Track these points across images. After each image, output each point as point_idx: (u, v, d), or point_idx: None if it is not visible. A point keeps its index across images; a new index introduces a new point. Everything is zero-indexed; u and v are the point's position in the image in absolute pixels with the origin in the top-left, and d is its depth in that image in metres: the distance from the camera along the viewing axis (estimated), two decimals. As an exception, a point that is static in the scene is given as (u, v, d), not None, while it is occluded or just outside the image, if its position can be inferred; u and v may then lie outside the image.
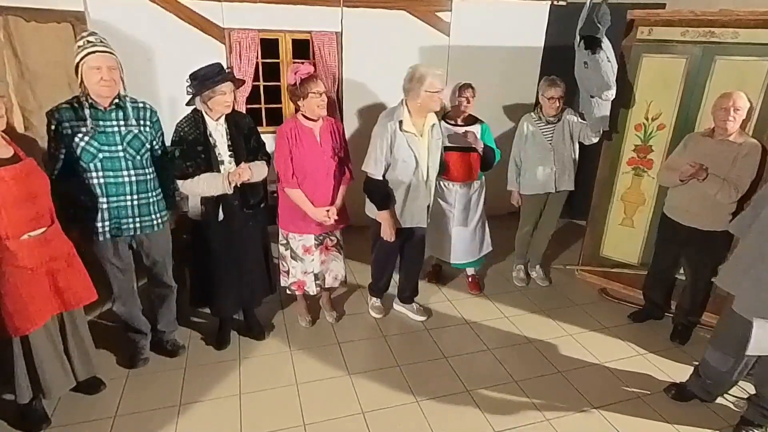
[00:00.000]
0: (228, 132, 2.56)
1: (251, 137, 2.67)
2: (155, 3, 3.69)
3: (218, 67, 2.45)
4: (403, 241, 3.03)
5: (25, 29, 3.02)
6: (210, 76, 2.40)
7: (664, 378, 2.76)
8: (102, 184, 2.29)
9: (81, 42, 2.18)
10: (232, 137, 2.57)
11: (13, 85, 2.97)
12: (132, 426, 2.31)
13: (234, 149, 2.57)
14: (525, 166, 3.50)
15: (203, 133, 2.49)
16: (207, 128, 2.51)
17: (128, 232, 2.40)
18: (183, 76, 2.46)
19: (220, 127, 2.55)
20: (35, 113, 3.10)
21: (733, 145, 2.63)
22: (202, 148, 2.48)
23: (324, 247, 2.95)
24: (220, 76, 2.42)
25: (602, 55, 2.96)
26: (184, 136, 2.47)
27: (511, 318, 3.33)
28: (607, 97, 3.08)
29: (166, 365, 2.71)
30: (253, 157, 2.64)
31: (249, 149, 2.64)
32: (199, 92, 2.42)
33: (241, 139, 2.60)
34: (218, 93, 2.43)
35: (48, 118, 2.21)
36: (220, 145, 2.54)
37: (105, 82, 2.17)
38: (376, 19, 4.13)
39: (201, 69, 2.42)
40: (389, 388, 2.62)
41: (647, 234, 3.44)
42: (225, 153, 2.55)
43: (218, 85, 2.41)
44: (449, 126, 3.25)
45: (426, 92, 2.61)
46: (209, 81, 2.40)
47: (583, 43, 3.00)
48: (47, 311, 2.06)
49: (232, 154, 2.56)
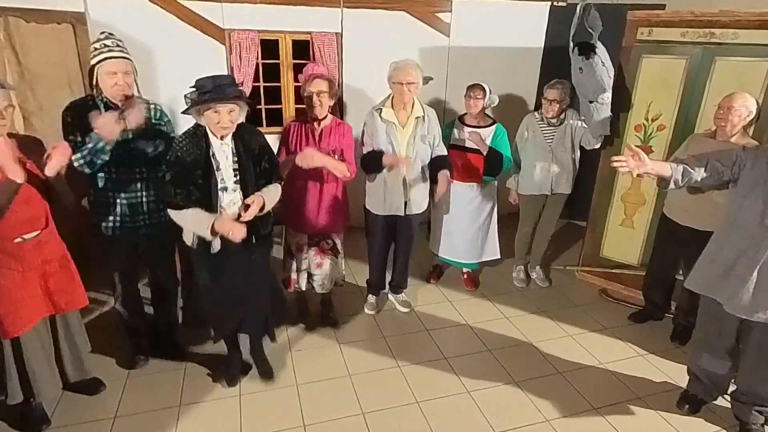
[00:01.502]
0: (235, 152, 2.21)
1: (262, 158, 2.30)
2: (155, 4, 3.69)
3: (220, 81, 2.08)
4: (393, 233, 3.09)
5: (25, 30, 3.02)
6: (207, 89, 2.05)
7: (664, 379, 2.76)
8: (115, 179, 2.32)
9: (98, 45, 2.21)
10: (240, 159, 2.21)
11: (13, 85, 2.97)
12: (132, 427, 2.31)
13: (240, 174, 2.21)
14: (523, 165, 3.51)
15: (205, 153, 2.15)
16: (210, 148, 2.16)
17: (137, 230, 2.42)
18: (183, 77, 2.45)
19: (225, 147, 2.19)
20: (35, 114, 3.10)
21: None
22: (201, 172, 2.14)
23: (320, 249, 2.94)
24: (214, 92, 2.04)
25: (596, 60, 2.97)
26: (182, 157, 2.12)
27: (511, 319, 3.33)
28: (603, 100, 3.08)
29: (167, 366, 2.71)
30: (264, 180, 2.30)
31: (258, 172, 2.28)
32: (192, 105, 2.09)
33: (249, 161, 2.24)
34: (210, 110, 2.07)
35: (63, 114, 2.24)
36: (224, 168, 2.19)
37: (120, 87, 2.21)
38: (376, 19, 4.14)
39: (206, 78, 2.09)
40: (389, 388, 2.62)
41: (647, 235, 3.44)
42: (229, 178, 2.20)
43: (211, 103, 2.05)
44: (460, 125, 3.32)
45: (393, 83, 2.78)
46: (205, 94, 2.05)
47: (577, 50, 3.02)
48: (37, 314, 2.06)
49: (238, 180, 2.22)
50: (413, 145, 2.88)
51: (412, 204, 3.00)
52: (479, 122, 3.29)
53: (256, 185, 2.25)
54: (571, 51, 3.07)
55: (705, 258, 2.31)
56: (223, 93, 2.05)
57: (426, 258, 3.79)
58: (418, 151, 2.90)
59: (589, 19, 2.90)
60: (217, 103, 2.05)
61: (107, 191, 2.33)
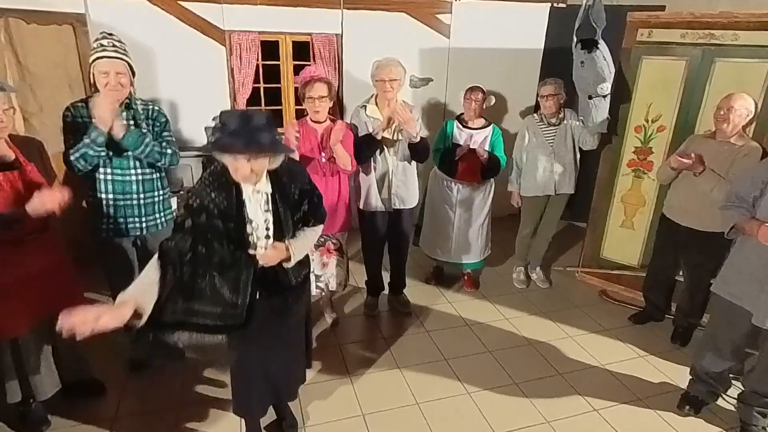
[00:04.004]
0: (270, 201, 1.77)
1: (302, 203, 1.86)
2: (156, 5, 3.70)
3: (252, 123, 1.58)
4: (387, 232, 3.12)
5: (26, 31, 3.03)
6: (231, 128, 1.58)
7: (665, 380, 2.75)
8: (110, 180, 2.32)
9: (95, 44, 2.22)
10: (275, 209, 1.78)
11: (13, 86, 2.97)
12: (132, 428, 2.31)
13: (275, 226, 1.79)
14: (525, 167, 3.51)
15: (235, 203, 1.72)
16: (241, 196, 1.73)
17: (134, 231, 2.42)
18: (183, 78, 2.45)
19: (258, 195, 1.75)
20: (36, 115, 3.11)
21: (733, 147, 2.63)
22: (233, 226, 1.71)
23: (326, 249, 2.95)
24: (241, 139, 1.56)
25: (599, 53, 2.99)
26: (208, 206, 1.68)
27: (511, 320, 3.33)
28: (602, 90, 3.09)
29: (166, 367, 2.70)
30: (301, 224, 1.91)
31: (296, 220, 1.86)
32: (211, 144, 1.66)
33: (287, 211, 1.80)
34: (228, 154, 1.65)
35: (63, 114, 2.24)
36: (257, 220, 1.76)
37: (111, 86, 2.20)
38: (377, 21, 4.14)
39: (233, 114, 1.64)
40: (389, 389, 2.62)
41: (647, 236, 3.44)
42: (262, 232, 1.77)
43: (226, 152, 1.63)
44: (458, 126, 3.34)
45: (375, 81, 2.83)
46: (230, 136, 1.58)
47: (580, 44, 3.03)
48: (36, 314, 2.06)
49: (270, 234, 1.79)
50: (400, 141, 2.92)
51: (402, 198, 3.03)
52: (476, 123, 3.32)
53: (293, 236, 1.86)
54: (574, 46, 3.09)
55: (731, 266, 2.28)
56: (253, 140, 1.57)
57: (425, 259, 3.79)
58: (402, 146, 2.93)
59: (594, 12, 2.91)
60: (241, 152, 1.60)
61: (102, 194, 2.33)
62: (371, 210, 3.04)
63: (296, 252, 1.83)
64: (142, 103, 2.39)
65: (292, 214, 1.84)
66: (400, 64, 2.82)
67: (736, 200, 2.22)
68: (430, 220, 3.57)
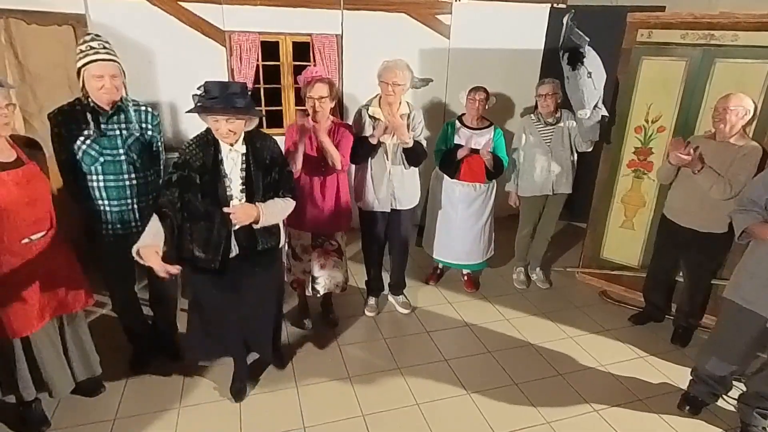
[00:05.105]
0: (244, 161, 2.11)
1: (273, 168, 2.17)
2: (156, 5, 3.70)
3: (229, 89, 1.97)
4: (387, 232, 3.13)
5: (26, 32, 3.02)
6: (213, 94, 1.95)
7: (665, 381, 2.75)
8: (102, 187, 2.29)
9: (84, 47, 2.16)
10: (248, 168, 2.11)
11: (13, 84, 2.97)
12: (132, 428, 2.31)
13: (247, 184, 2.12)
14: (523, 167, 3.51)
15: (213, 159, 2.06)
16: (219, 154, 2.08)
17: (131, 237, 2.39)
18: (184, 79, 2.45)
19: (234, 154, 2.09)
20: (36, 115, 3.10)
21: (733, 147, 2.62)
22: (208, 179, 2.04)
23: (324, 251, 2.95)
24: (220, 101, 1.94)
25: (582, 71, 2.99)
26: (190, 161, 2.04)
27: (511, 320, 3.33)
28: (582, 115, 3.11)
29: (166, 368, 2.70)
30: (272, 193, 2.18)
31: (267, 183, 2.16)
32: (195, 108, 2.02)
33: (258, 171, 2.12)
34: (211, 117, 2.00)
35: (50, 120, 2.21)
36: (233, 177, 2.10)
37: (107, 89, 2.18)
38: (377, 21, 4.14)
39: (215, 82, 1.99)
40: (389, 390, 2.62)
41: (648, 236, 3.44)
42: (237, 187, 2.11)
43: (209, 113, 1.98)
44: (461, 126, 3.34)
45: (380, 82, 2.82)
46: (210, 100, 1.96)
47: (567, 57, 3.04)
48: (45, 313, 2.07)
49: (244, 189, 2.12)
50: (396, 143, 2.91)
51: (400, 198, 3.02)
52: (478, 124, 3.32)
53: (263, 197, 2.13)
54: (562, 58, 3.10)
55: (744, 271, 2.25)
56: (229, 103, 1.94)
57: (425, 259, 3.79)
58: (400, 148, 2.92)
59: (574, 35, 2.94)
60: (219, 113, 1.95)
61: (97, 200, 2.30)
62: (370, 210, 3.04)
63: (265, 213, 2.08)
64: (134, 104, 2.35)
65: (263, 176, 2.14)
66: (407, 68, 2.80)
67: (748, 204, 2.21)
68: (433, 221, 3.57)
